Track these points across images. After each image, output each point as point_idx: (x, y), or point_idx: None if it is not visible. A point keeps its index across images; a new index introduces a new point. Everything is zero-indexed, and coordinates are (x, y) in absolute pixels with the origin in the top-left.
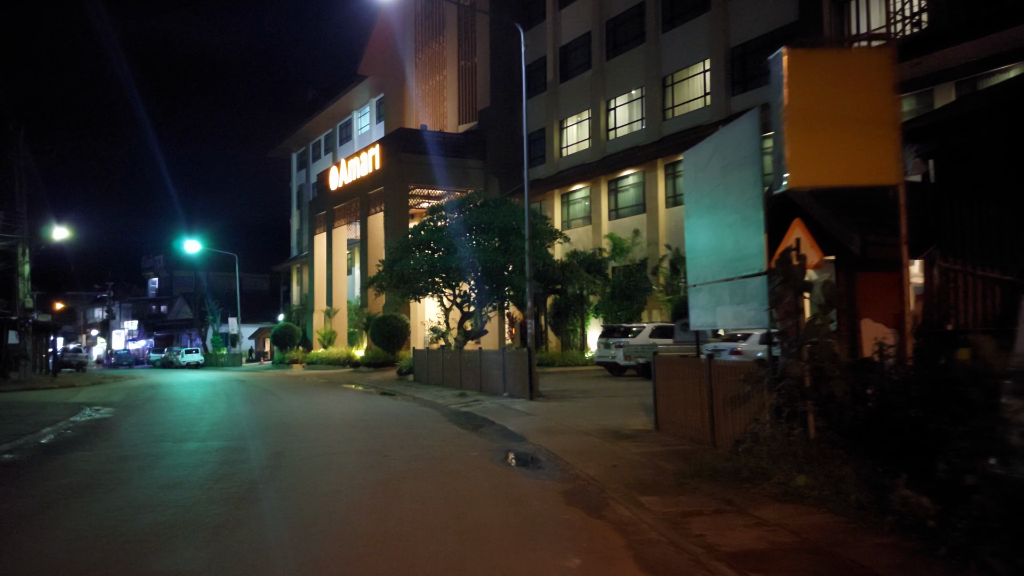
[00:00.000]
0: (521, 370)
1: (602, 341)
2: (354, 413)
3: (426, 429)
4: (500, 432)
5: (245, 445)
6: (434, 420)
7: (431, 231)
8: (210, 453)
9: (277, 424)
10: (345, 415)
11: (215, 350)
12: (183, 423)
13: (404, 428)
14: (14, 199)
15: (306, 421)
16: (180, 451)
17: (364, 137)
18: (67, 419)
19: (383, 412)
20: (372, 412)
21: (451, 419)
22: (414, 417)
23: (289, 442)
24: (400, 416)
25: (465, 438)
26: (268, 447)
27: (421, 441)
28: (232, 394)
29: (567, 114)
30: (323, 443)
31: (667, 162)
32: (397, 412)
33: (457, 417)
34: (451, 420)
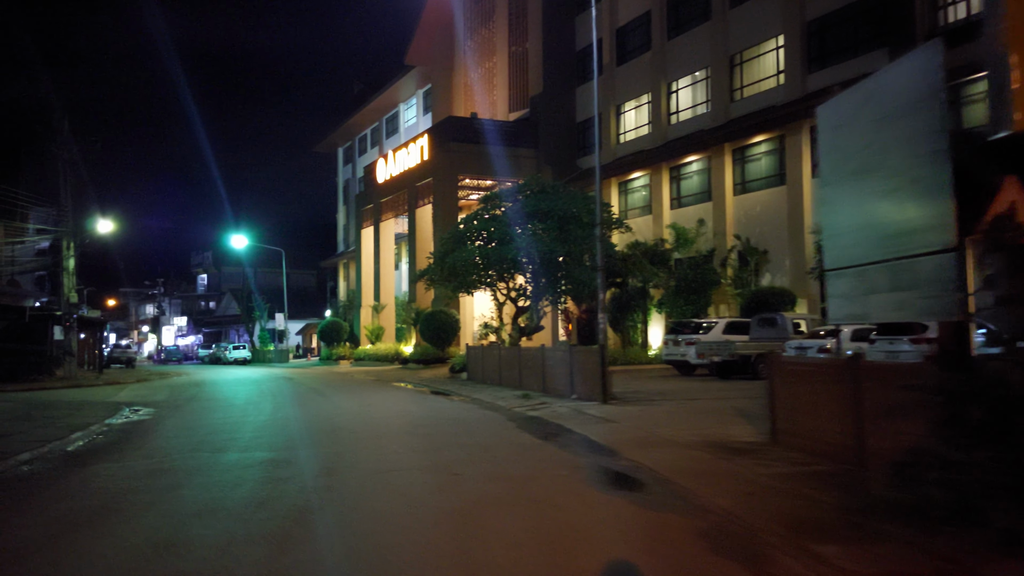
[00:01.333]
0: (592, 370)
1: (670, 338)
2: (410, 417)
3: (495, 438)
4: (583, 443)
5: (291, 457)
6: (500, 426)
7: (485, 220)
8: (252, 467)
9: (327, 430)
10: (400, 419)
11: (262, 346)
12: (224, 427)
13: (469, 436)
14: (59, 192)
15: (358, 426)
16: (218, 464)
17: (411, 129)
18: (101, 422)
19: (441, 416)
20: (429, 416)
21: (520, 425)
22: (477, 422)
23: (341, 454)
24: (461, 421)
25: (543, 451)
26: (317, 460)
27: (493, 454)
28: (278, 393)
29: (624, 98)
30: (380, 455)
31: (735, 147)
32: (456, 416)
33: (526, 423)
34: (520, 427)
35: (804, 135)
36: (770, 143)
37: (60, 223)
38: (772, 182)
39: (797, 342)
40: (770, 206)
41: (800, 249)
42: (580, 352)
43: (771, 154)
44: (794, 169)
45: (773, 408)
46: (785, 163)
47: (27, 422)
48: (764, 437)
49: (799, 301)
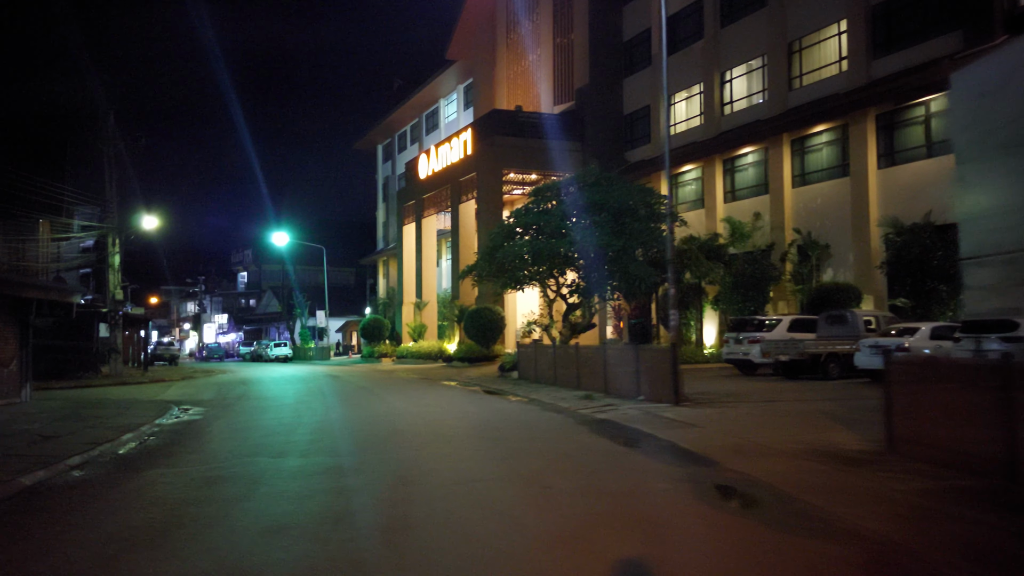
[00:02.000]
0: (662, 370)
1: (731, 336)
2: (472, 418)
3: (571, 444)
4: (671, 450)
5: (357, 464)
6: (572, 431)
7: (536, 213)
8: (317, 476)
9: (388, 432)
10: (462, 421)
11: (303, 343)
12: (279, 429)
13: (543, 442)
14: (104, 188)
15: (420, 429)
16: (280, 471)
17: (451, 125)
18: (152, 422)
19: (505, 418)
20: (492, 418)
21: (593, 430)
22: (547, 426)
23: (411, 460)
24: (528, 424)
25: (631, 459)
26: (387, 468)
27: (577, 463)
28: (327, 392)
29: (675, 89)
30: (455, 463)
31: (794, 137)
32: (521, 418)
33: (599, 427)
34: (594, 431)
35: (869, 124)
36: (832, 133)
37: (105, 219)
38: (834, 173)
39: (872, 340)
40: (832, 198)
41: (865, 243)
42: (648, 351)
43: (833, 144)
44: (859, 159)
45: (889, 413)
46: (849, 153)
47: (76, 422)
48: (875, 445)
49: (865, 297)
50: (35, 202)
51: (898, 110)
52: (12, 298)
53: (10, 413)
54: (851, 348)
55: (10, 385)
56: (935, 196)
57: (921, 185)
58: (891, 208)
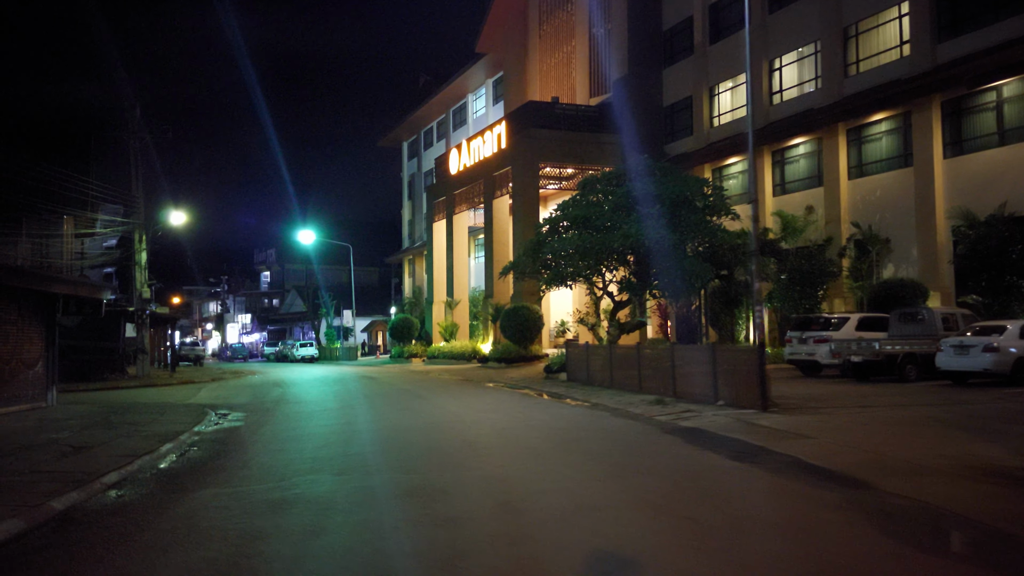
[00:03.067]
0: (745, 372)
1: (794, 335)
2: (543, 426)
3: (677, 459)
4: (800, 467)
5: (440, 483)
6: (666, 442)
7: (585, 206)
8: (398, 499)
9: (459, 443)
10: (535, 430)
11: (329, 343)
12: (333, 439)
13: (642, 456)
14: (130, 182)
15: (493, 439)
16: (352, 493)
17: (479, 120)
18: (190, 430)
19: (578, 425)
20: (565, 425)
21: (688, 440)
22: (633, 436)
23: (503, 479)
24: (611, 433)
25: (760, 479)
26: (479, 490)
27: (700, 483)
28: (371, 395)
29: (719, 79)
30: (556, 483)
31: (850, 126)
32: (597, 425)
33: (692, 437)
34: (690, 442)
35: (934, 111)
36: (892, 121)
37: (131, 214)
38: (895, 163)
39: (956, 340)
40: (892, 190)
41: (931, 236)
42: (727, 352)
43: (893, 133)
44: (923, 148)
45: None
46: (911, 142)
47: (107, 430)
48: None
49: (931, 294)
50: (59, 195)
51: (967, 96)
52: (37, 294)
53: (36, 419)
54: (930, 348)
55: (35, 388)
56: (1010, 186)
57: (993, 175)
58: (958, 200)
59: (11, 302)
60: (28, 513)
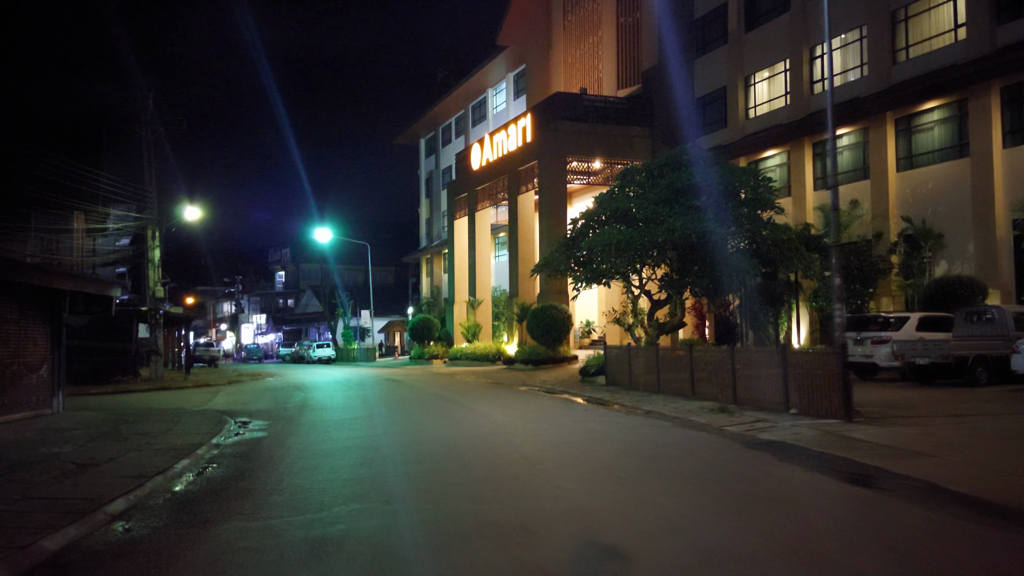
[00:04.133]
0: (823, 377)
1: (849, 336)
2: (604, 439)
3: (786, 484)
4: (944, 496)
5: (517, 516)
6: (755, 459)
7: (626, 198)
8: (475, 540)
9: (517, 460)
10: (598, 444)
11: (346, 344)
12: (372, 454)
13: (741, 480)
14: (143, 175)
15: (554, 455)
16: (413, 530)
17: (499, 116)
18: (208, 442)
19: (644, 439)
20: (630, 439)
21: (779, 456)
22: (714, 453)
23: (589, 511)
24: (687, 449)
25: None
26: (566, 524)
27: (840, 519)
28: (401, 400)
29: (755, 68)
30: (662, 517)
31: (899, 115)
32: (665, 438)
33: (781, 453)
34: (782, 459)
35: (993, 98)
36: (946, 109)
37: (144, 209)
38: (949, 154)
39: None
40: (946, 182)
41: (989, 231)
42: (800, 355)
43: (947, 122)
44: (980, 138)
45: None
46: (968, 131)
47: (116, 441)
48: None
49: (990, 292)
50: (69, 188)
51: None
52: (42, 291)
53: (38, 428)
54: (1003, 350)
55: (40, 393)
56: None
57: None
58: (1020, 192)
59: (12, 300)
60: (12, 559)
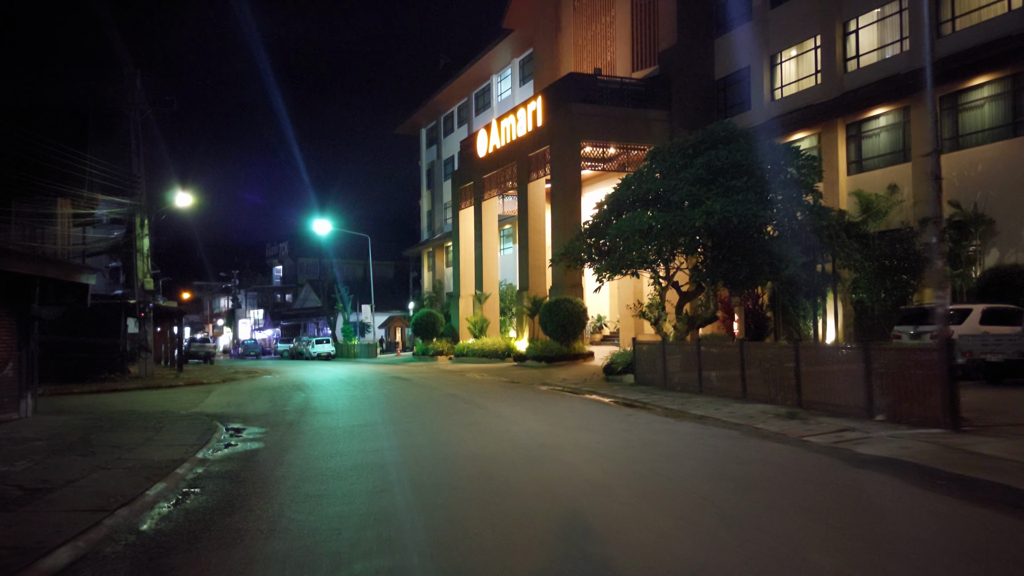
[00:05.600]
0: (920, 378)
1: (904, 330)
2: (670, 452)
3: (949, 522)
4: None
5: None
6: (877, 483)
7: (658, 180)
8: None
9: (580, 486)
10: (661, 456)
11: (346, 340)
12: (393, 475)
13: (885, 518)
14: (130, 159)
15: (618, 474)
16: None
17: (504, 103)
18: (192, 456)
19: (721, 452)
20: (702, 454)
21: (904, 479)
22: (819, 472)
23: (708, 568)
24: (779, 466)
25: None
26: None
27: None
28: (414, 402)
29: (782, 46)
30: None
31: (944, 92)
32: (744, 453)
33: (903, 474)
34: (914, 483)
35: None
36: (998, 85)
37: (132, 195)
38: (1001, 133)
39: None
40: (998, 163)
41: None
42: (888, 352)
43: (999, 98)
44: None
45: None
46: (1022, 108)
47: (82, 455)
48: None
49: None
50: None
51: None
52: (2, 277)
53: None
54: None
55: (5, 396)
56: None
57: None
58: None
59: None
60: None
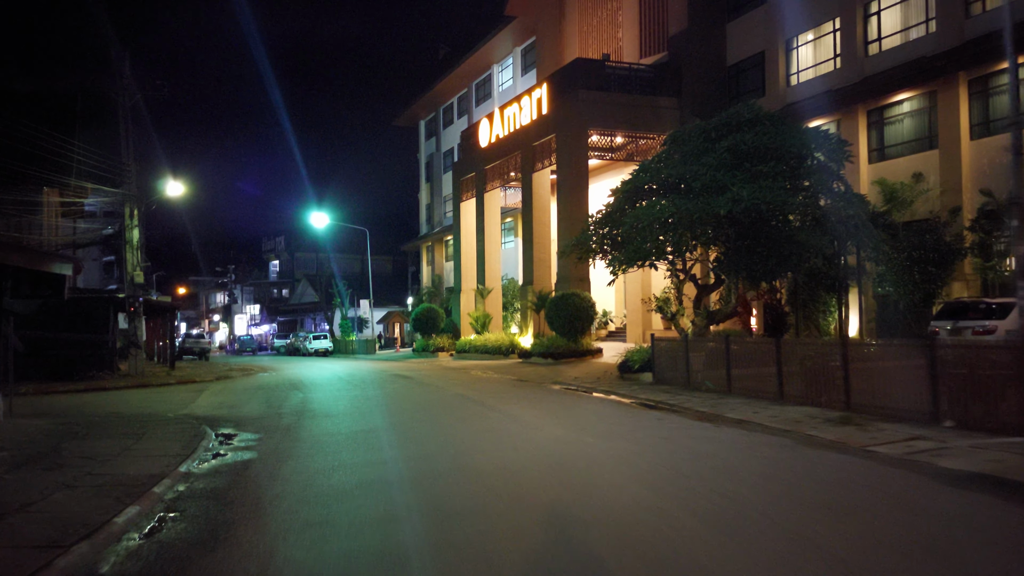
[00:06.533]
0: (995, 379)
1: (942, 325)
2: (734, 471)
3: None
4: None
5: None
6: (1006, 516)
7: (680, 165)
8: None
9: (638, 512)
10: (724, 477)
11: (344, 336)
12: (408, 498)
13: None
14: (119, 146)
15: (688, 504)
16: None
17: (506, 93)
18: (175, 469)
19: (792, 470)
20: (770, 470)
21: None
22: (928, 500)
23: None
24: (875, 489)
25: None
26: None
27: None
28: (422, 405)
29: (799, 29)
30: None
31: (973, 76)
32: (824, 472)
33: None
34: None
35: None
36: None
37: (122, 184)
38: None
39: None
40: None
41: None
42: (955, 351)
43: None
44: None
45: None
46: None
47: (48, 469)
48: None
49: None
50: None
51: None
52: None
53: None
54: None
55: None
56: None
57: None
58: None
59: None
60: None
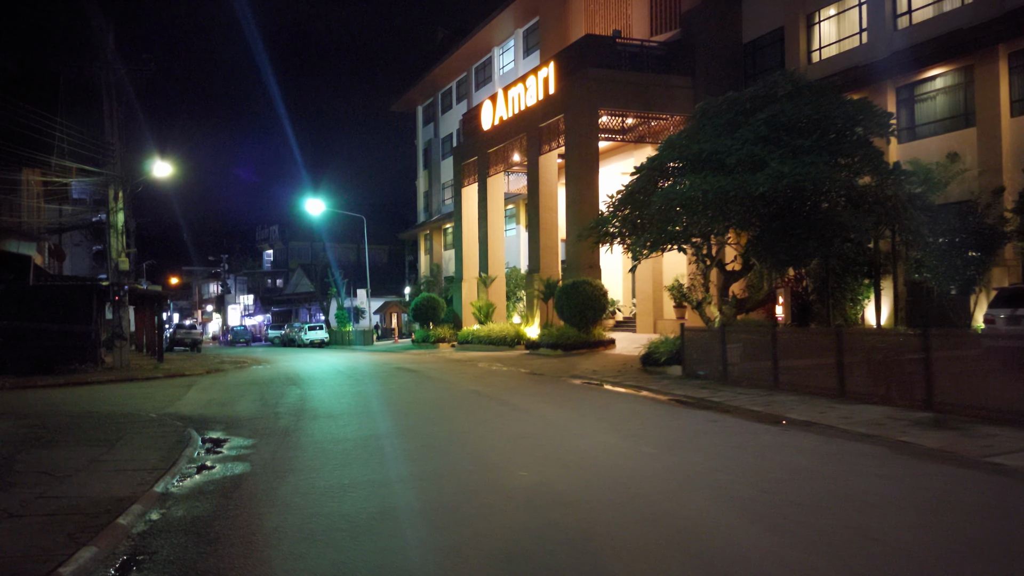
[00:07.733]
0: None
1: (998, 314)
2: (857, 498)
3: None
4: None
5: None
6: None
7: (711, 138)
8: None
9: (752, 557)
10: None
11: (340, 326)
12: (446, 528)
13: None
14: (103, 124)
15: (813, 541)
16: None
17: (507, 77)
18: (148, 490)
19: (910, 490)
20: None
21: None
22: None
23: None
24: None
25: None
26: None
27: None
28: (434, 403)
29: (821, 3)
30: None
31: (1015, 48)
32: (976, 497)
33: None
34: None
35: None
36: None
37: (105, 164)
38: None
39: None
40: None
41: None
42: None
43: None
44: None
45: None
46: None
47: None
48: None
49: None
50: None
51: None
52: None
53: None
54: None
55: None
56: None
57: None
58: None
59: None
60: None
